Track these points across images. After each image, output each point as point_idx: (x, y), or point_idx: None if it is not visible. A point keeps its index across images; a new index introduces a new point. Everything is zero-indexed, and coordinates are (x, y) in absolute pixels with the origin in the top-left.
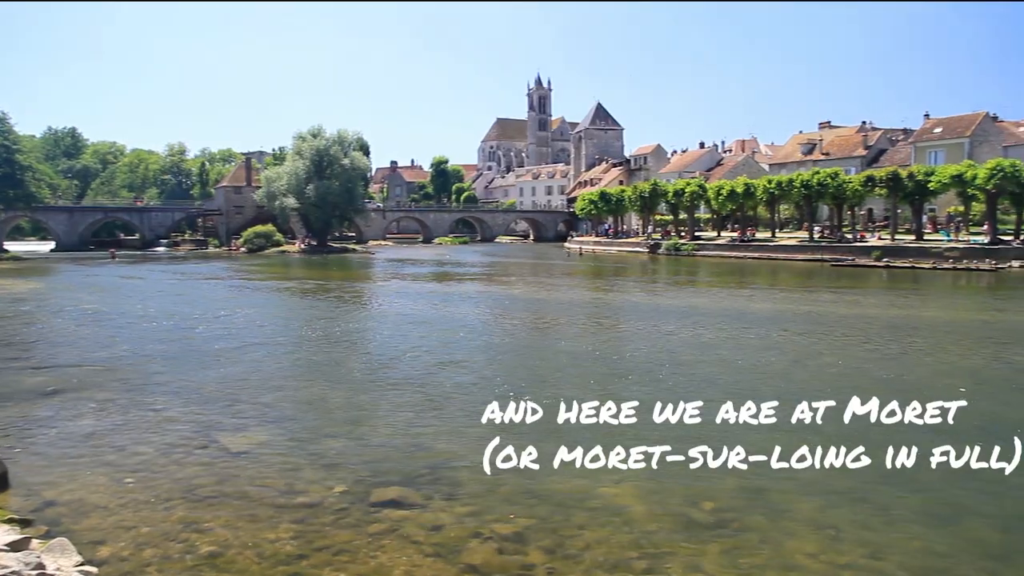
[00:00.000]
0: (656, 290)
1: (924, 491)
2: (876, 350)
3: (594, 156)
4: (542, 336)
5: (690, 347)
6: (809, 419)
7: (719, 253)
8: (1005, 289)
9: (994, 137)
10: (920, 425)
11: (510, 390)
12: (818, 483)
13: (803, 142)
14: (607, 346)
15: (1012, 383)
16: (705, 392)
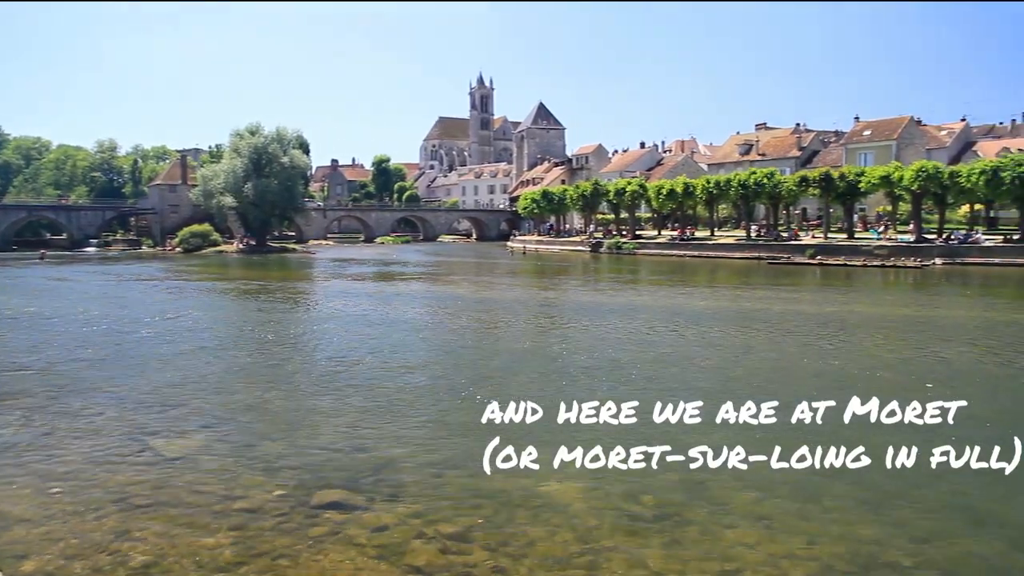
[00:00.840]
0: (598, 289)
1: (854, 480)
2: (811, 345)
3: (536, 155)
4: (486, 335)
5: (631, 345)
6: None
7: (660, 252)
8: (929, 285)
9: (918, 140)
10: (852, 417)
11: (455, 390)
12: (756, 475)
13: (740, 143)
14: (550, 345)
15: (936, 374)
16: (644, 389)
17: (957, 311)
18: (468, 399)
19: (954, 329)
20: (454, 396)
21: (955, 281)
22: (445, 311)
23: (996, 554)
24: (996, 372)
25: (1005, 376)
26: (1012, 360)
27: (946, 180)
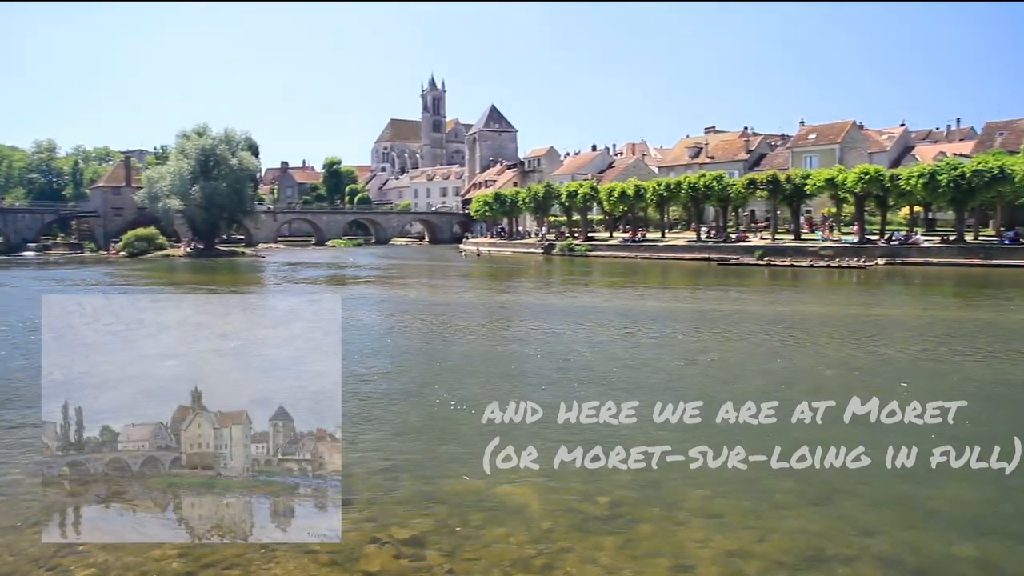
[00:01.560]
0: (551, 290)
1: (802, 476)
2: (760, 344)
3: (488, 158)
4: (439, 338)
5: (585, 346)
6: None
7: (611, 253)
8: (872, 285)
9: (860, 144)
10: (799, 415)
11: (409, 394)
12: (707, 473)
13: (690, 146)
14: (504, 347)
15: (879, 371)
16: (599, 389)
17: (898, 310)
18: (422, 402)
19: (895, 327)
20: (408, 400)
21: (896, 280)
22: (398, 314)
23: (934, 543)
24: (934, 368)
25: (943, 372)
26: (948, 356)
27: (887, 183)
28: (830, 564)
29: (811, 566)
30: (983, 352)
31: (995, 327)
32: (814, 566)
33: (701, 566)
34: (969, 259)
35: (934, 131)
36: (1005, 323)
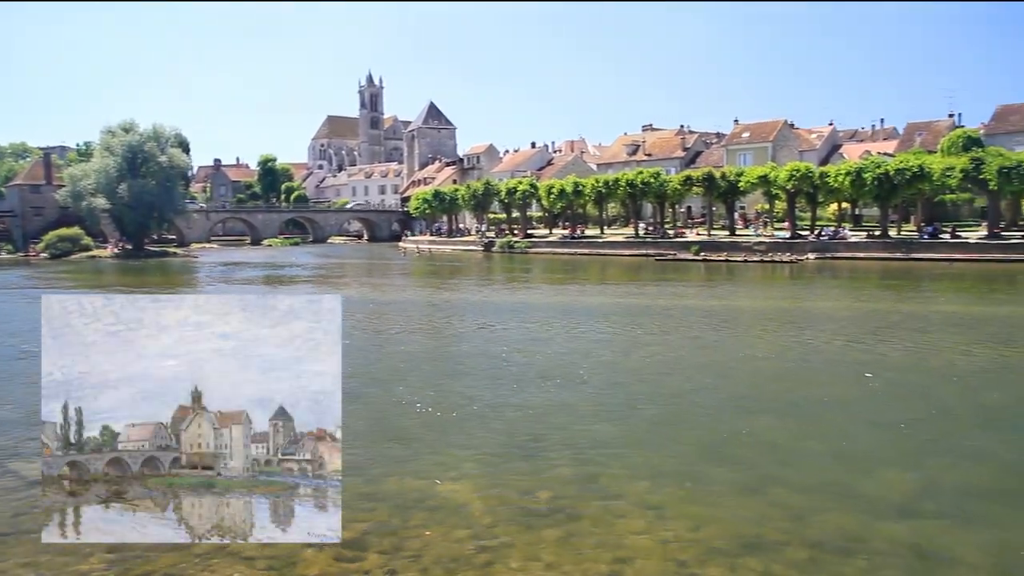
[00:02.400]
0: (492, 288)
1: (736, 464)
2: (696, 338)
3: (427, 155)
4: (380, 337)
5: (525, 343)
6: (636, 405)
7: (551, 250)
8: (804, 279)
9: (792, 142)
10: (734, 405)
11: (346, 393)
12: (645, 465)
13: (628, 143)
14: (444, 345)
15: (809, 362)
16: (540, 386)
17: (828, 302)
18: (362, 403)
19: (825, 319)
20: (349, 401)
21: (826, 274)
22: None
23: (860, 525)
24: (861, 358)
25: (869, 361)
26: (873, 347)
27: (817, 180)
28: (764, 549)
29: (746, 552)
30: (906, 341)
31: (916, 318)
32: (749, 552)
33: (640, 557)
34: (892, 253)
35: (860, 131)
36: (925, 313)
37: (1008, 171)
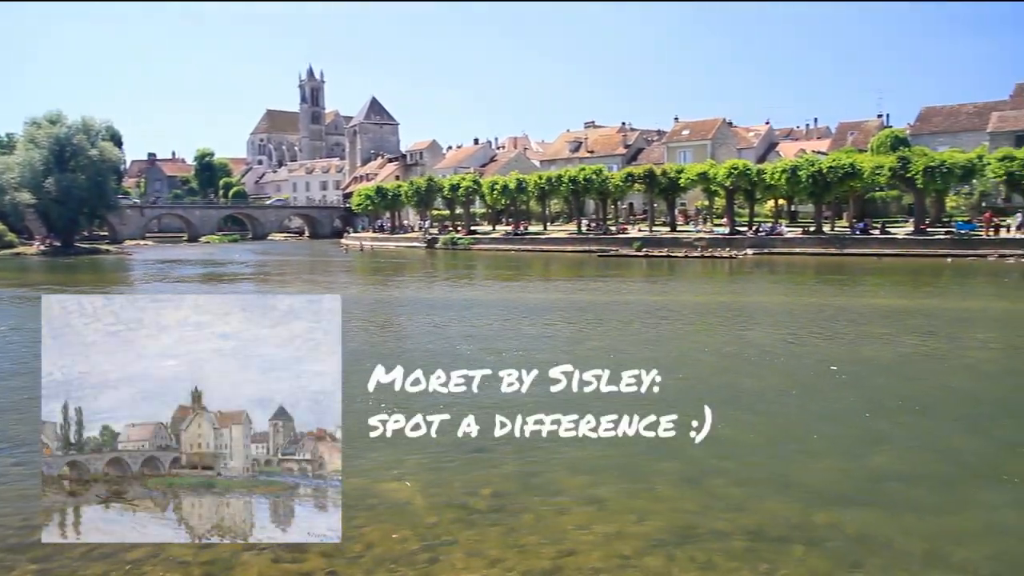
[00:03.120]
0: (435, 284)
1: (679, 458)
2: (639, 332)
3: (370, 151)
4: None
5: (468, 339)
6: (578, 401)
7: (495, 247)
8: (742, 274)
9: (730, 140)
10: (677, 399)
11: None
12: (588, 460)
13: (570, 140)
14: (384, 342)
15: (747, 355)
16: (481, 383)
17: (766, 297)
18: None
19: (763, 313)
20: None
21: (764, 269)
22: None
23: (796, 514)
24: (796, 351)
25: (804, 354)
26: (808, 339)
27: (754, 177)
28: (703, 540)
29: (686, 543)
30: (839, 334)
31: (849, 310)
32: (689, 542)
33: (583, 551)
34: (826, 248)
35: (795, 129)
36: (857, 307)
37: (932, 170)
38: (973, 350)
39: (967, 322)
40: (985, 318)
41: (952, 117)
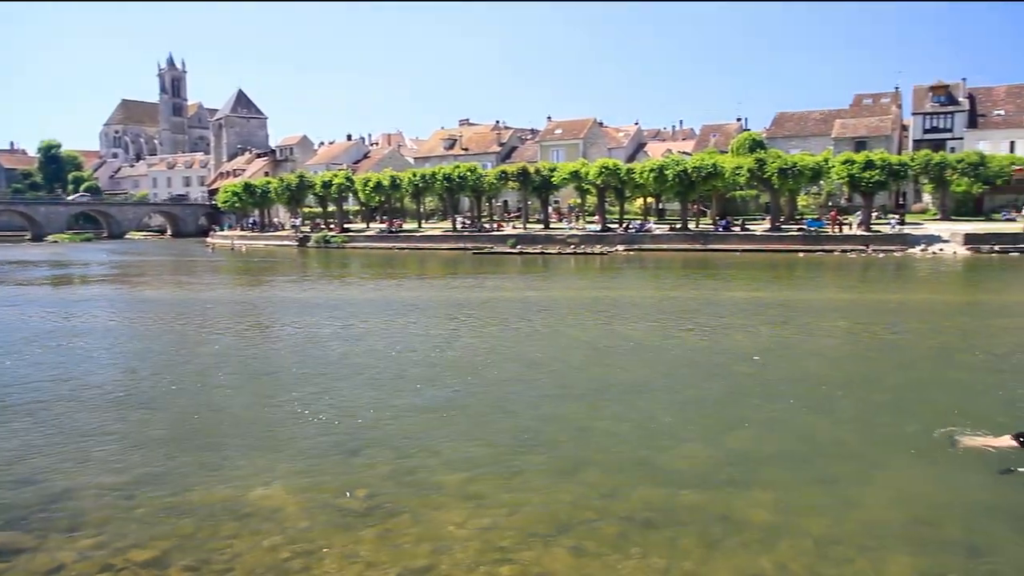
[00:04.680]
0: (307, 284)
1: (551, 451)
2: (514, 328)
3: (236, 145)
4: (185, 339)
5: (341, 340)
6: (454, 397)
7: (368, 244)
8: (614, 270)
9: (601, 140)
10: (547, 394)
11: (147, 400)
12: (463, 456)
13: (445, 137)
14: (257, 344)
15: (618, 348)
16: (354, 383)
17: (636, 292)
18: (165, 410)
19: (633, 307)
20: (150, 408)
21: (634, 265)
22: (137, 316)
23: (663, 498)
24: (664, 343)
25: (671, 346)
26: (675, 331)
27: (624, 176)
28: (578, 529)
29: (561, 533)
30: (703, 325)
31: (712, 303)
32: (564, 532)
33: (459, 547)
34: (692, 244)
35: (662, 130)
36: (720, 300)
37: (786, 171)
38: (821, 337)
39: (816, 312)
40: (831, 308)
41: (802, 122)
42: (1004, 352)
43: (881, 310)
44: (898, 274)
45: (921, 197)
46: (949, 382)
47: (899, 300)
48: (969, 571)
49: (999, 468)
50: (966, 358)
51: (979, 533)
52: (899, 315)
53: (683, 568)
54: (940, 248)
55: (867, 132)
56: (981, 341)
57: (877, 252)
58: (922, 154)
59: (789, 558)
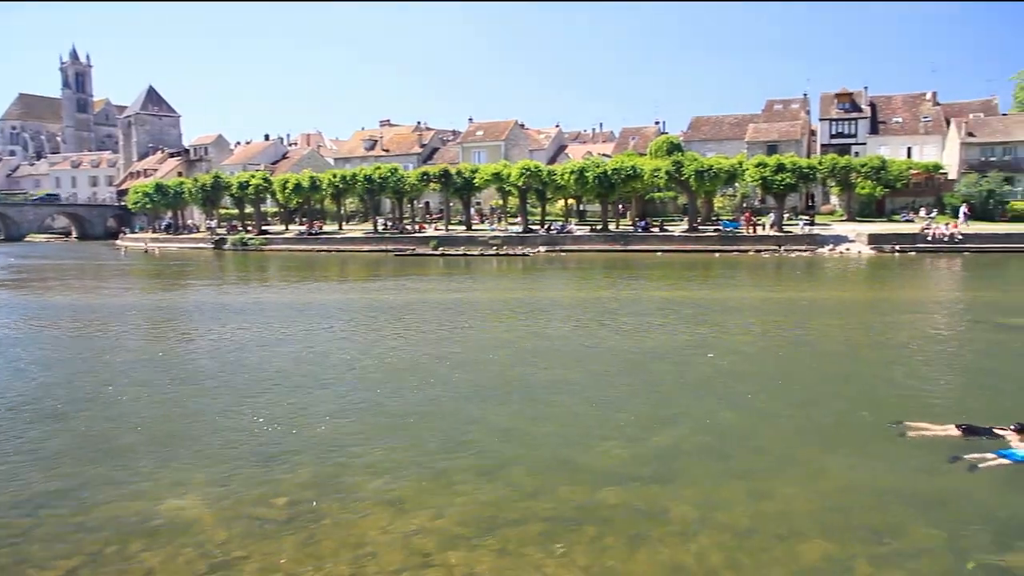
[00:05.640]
0: (224, 287)
1: (474, 452)
2: (436, 331)
3: (148, 144)
4: (94, 348)
5: (259, 344)
6: (376, 402)
7: (288, 247)
8: (536, 270)
9: (523, 141)
10: (467, 396)
11: (51, 412)
12: (386, 461)
13: (365, 138)
14: (171, 351)
15: (540, 349)
16: (273, 389)
17: (557, 292)
18: (72, 422)
19: (555, 308)
20: (55, 420)
21: (556, 265)
22: (40, 323)
23: (586, 497)
24: (586, 343)
25: (592, 345)
26: (596, 331)
27: (546, 178)
28: (502, 530)
29: (486, 534)
30: (623, 325)
31: (632, 303)
32: (488, 534)
33: (383, 552)
34: (612, 245)
35: (583, 133)
36: (640, 299)
37: (702, 173)
38: (736, 334)
39: (732, 310)
40: (747, 306)
41: (717, 126)
42: (903, 345)
43: (793, 308)
44: (808, 273)
45: (829, 199)
46: (856, 375)
47: (810, 298)
48: (873, 554)
49: (948, 456)
50: (871, 353)
51: (885, 517)
52: (810, 312)
53: (606, 565)
54: (847, 248)
55: (778, 136)
56: (884, 336)
57: (789, 252)
58: (829, 158)
59: (709, 550)
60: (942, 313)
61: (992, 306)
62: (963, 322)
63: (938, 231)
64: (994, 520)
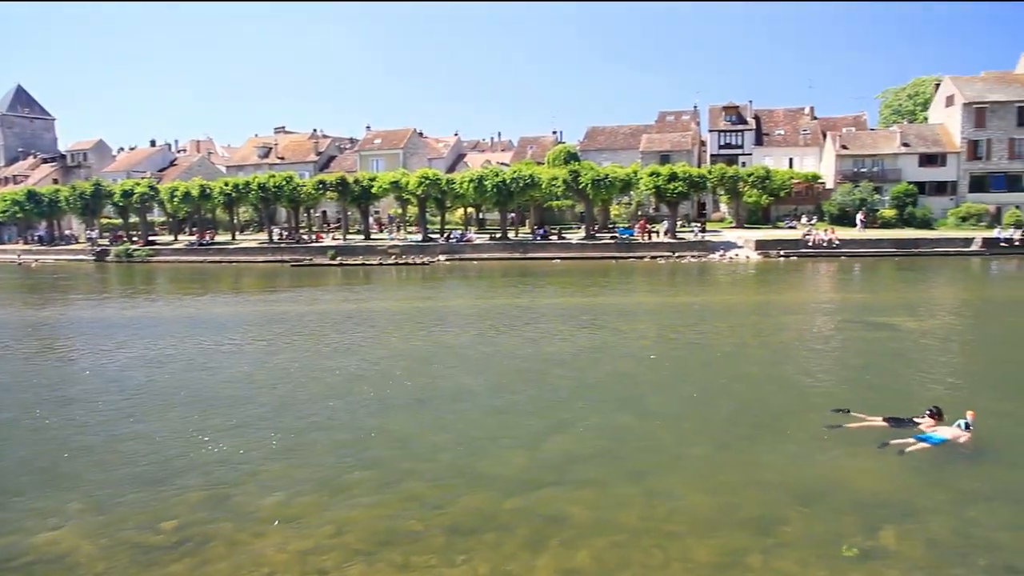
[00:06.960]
0: (106, 303)
1: (374, 465)
2: (333, 343)
3: (17, 149)
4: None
5: (144, 361)
6: (269, 417)
7: (177, 258)
8: (436, 279)
9: (421, 150)
10: (370, 405)
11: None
12: (281, 477)
13: (259, 145)
14: (45, 369)
15: (438, 358)
16: (160, 408)
17: (458, 301)
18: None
19: (455, 316)
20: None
21: (456, 274)
22: None
23: (487, 504)
24: (486, 351)
25: (491, 353)
26: (495, 338)
27: (444, 186)
28: (403, 542)
29: (386, 548)
30: (523, 331)
31: (531, 310)
32: (389, 547)
33: (280, 572)
34: (512, 253)
35: (481, 141)
36: (539, 307)
37: (598, 182)
38: (633, 339)
39: (628, 315)
40: (642, 311)
41: (613, 136)
42: (788, 344)
43: (686, 312)
44: (701, 278)
45: (719, 207)
46: (747, 375)
47: (703, 302)
48: (762, 545)
49: (878, 443)
50: (759, 353)
51: (773, 510)
52: (702, 316)
53: (508, 570)
54: (736, 253)
55: (671, 147)
56: (771, 337)
57: (682, 258)
58: (718, 168)
59: (606, 551)
60: (822, 314)
61: (864, 307)
62: (839, 322)
63: (818, 237)
64: (870, 504)
